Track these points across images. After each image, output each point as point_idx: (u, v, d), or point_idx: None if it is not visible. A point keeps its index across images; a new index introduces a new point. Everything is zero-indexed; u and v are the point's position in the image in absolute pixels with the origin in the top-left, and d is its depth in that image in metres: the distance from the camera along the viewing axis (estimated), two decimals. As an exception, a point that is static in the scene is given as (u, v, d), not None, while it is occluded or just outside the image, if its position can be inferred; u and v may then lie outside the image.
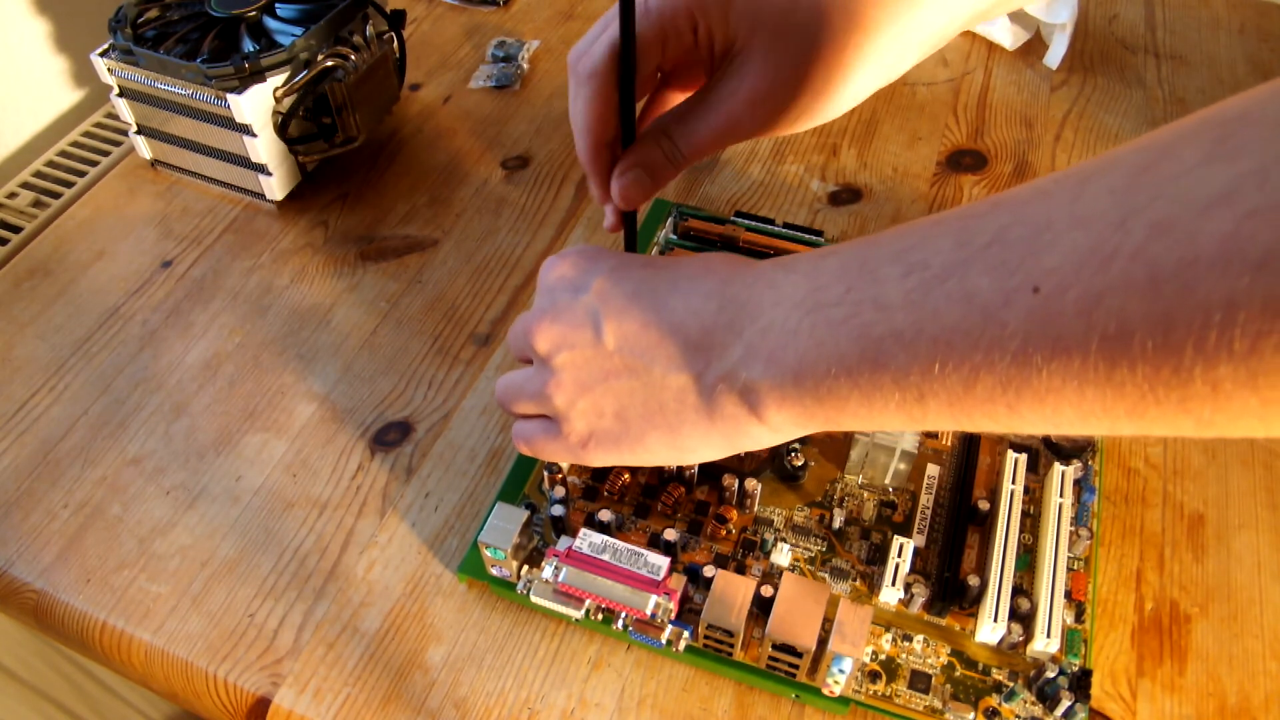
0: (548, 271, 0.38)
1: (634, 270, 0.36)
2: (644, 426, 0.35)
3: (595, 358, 0.35)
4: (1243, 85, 0.69)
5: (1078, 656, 0.41)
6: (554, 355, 0.36)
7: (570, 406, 0.36)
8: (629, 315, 0.35)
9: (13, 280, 0.58)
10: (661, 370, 0.34)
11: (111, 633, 0.44)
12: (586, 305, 0.36)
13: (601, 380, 0.35)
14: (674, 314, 0.34)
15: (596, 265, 0.37)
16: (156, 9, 0.60)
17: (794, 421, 0.32)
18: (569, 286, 0.37)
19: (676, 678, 0.42)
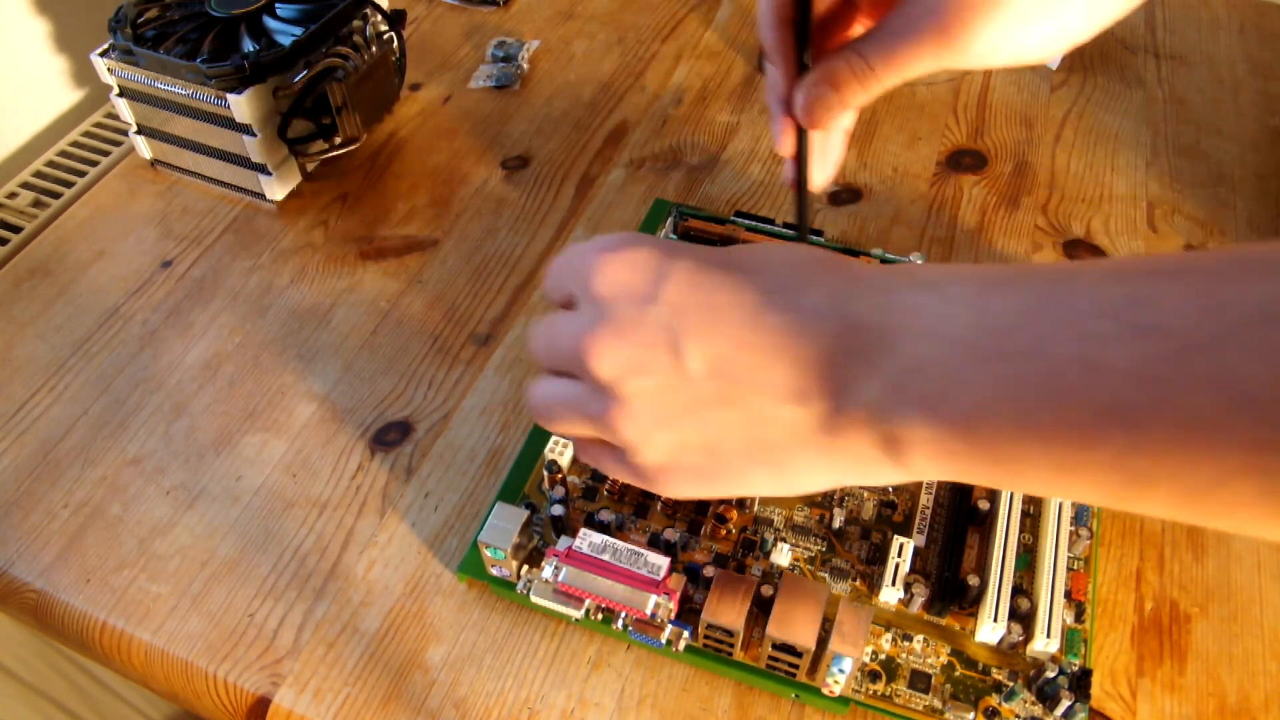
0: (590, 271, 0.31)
1: (714, 274, 0.30)
2: (744, 463, 0.30)
3: (678, 385, 0.30)
4: (1243, 85, 0.69)
5: (1078, 656, 0.41)
6: (623, 381, 0.30)
7: (644, 439, 0.31)
8: (719, 334, 0.29)
9: (13, 280, 0.58)
10: (767, 401, 0.29)
11: (111, 633, 0.44)
12: (659, 319, 0.30)
13: (687, 412, 0.30)
14: (777, 333, 0.28)
15: (665, 267, 0.30)
16: (156, 9, 0.60)
17: (951, 472, 0.27)
18: (631, 294, 0.30)
19: (676, 678, 0.42)
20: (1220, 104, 0.68)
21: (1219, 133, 0.66)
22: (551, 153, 0.65)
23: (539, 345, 0.34)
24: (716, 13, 0.76)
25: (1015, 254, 0.58)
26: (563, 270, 0.33)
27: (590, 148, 0.65)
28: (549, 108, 0.68)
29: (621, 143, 0.66)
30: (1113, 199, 0.62)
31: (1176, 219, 0.60)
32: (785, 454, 0.29)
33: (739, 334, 0.29)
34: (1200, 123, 0.67)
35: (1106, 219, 0.60)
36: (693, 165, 0.64)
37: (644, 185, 0.63)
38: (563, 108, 0.68)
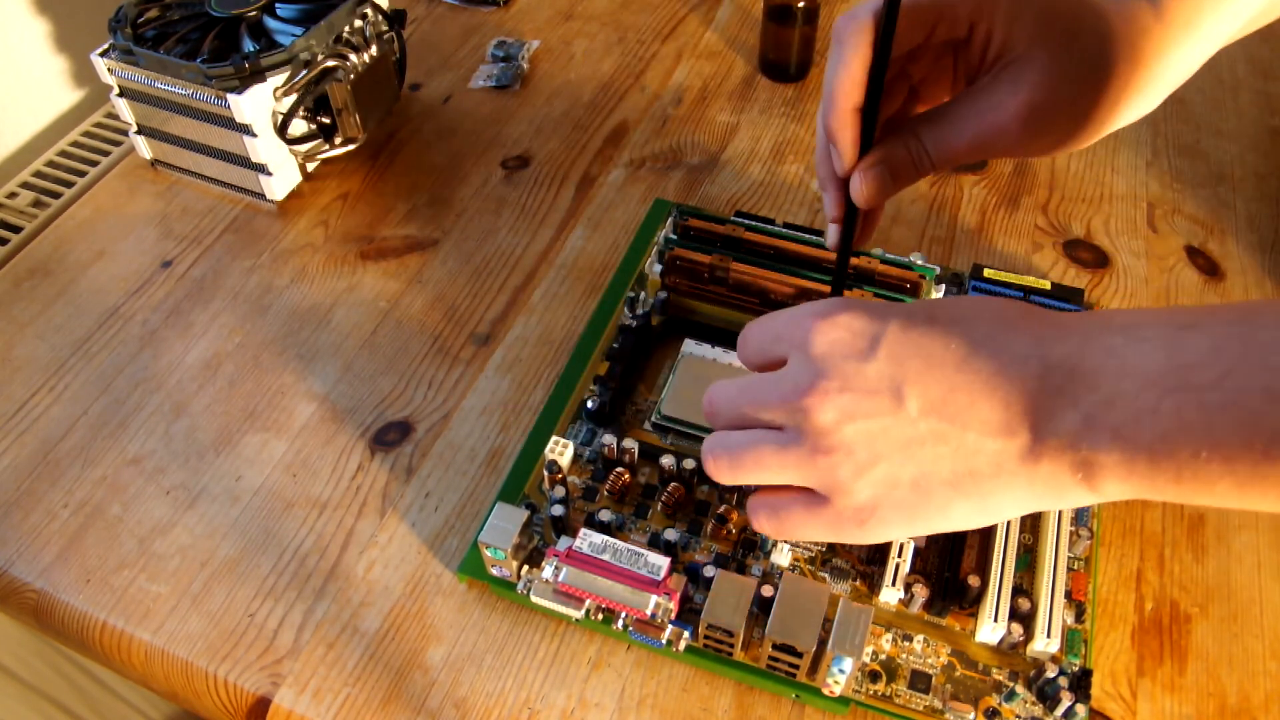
0: (809, 334, 0.34)
1: (923, 329, 0.33)
2: (949, 494, 0.33)
3: (895, 425, 0.32)
4: (1243, 85, 0.69)
5: (1078, 656, 0.41)
6: (841, 426, 0.33)
7: (858, 477, 0.33)
8: (934, 379, 0.32)
9: (13, 280, 0.58)
10: (977, 436, 0.32)
11: (111, 633, 0.44)
12: (880, 371, 0.33)
13: (901, 449, 0.33)
14: (986, 376, 0.32)
15: (877, 329, 0.33)
16: (156, 9, 0.60)
17: (1134, 491, 0.30)
18: (850, 353, 0.33)
19: (676, 678, 0.42)
20: (1220, 104, 0.68)
21: (1219, 133, 0.66)
22: (551, 153, 0.65)
23: (733, 405, 0.36)
24: (716, 13, 0.76)
25: (1015, 254, 0.58)
26: (767, 334, 0.36)
27: (590, 148, 0.65)
28: (549, 108, 0.68)
29: (621, 143, 0.66)
30: (1113, 199, 0.62)
31: (1176, 219, 0.60)
32: (989, 483, 0.32)
33: (952, 378, 0.32)
34: (1200, 123, 0.67)
35: (1106, 219, 0.60)
36: (693, 165, 0.64)
37: (644, 185, 0.63)
38: (563, 108, 0.68)
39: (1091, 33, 0.35)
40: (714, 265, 0.52)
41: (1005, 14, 0.35)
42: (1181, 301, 0.56)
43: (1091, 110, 0.36)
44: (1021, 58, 0.36)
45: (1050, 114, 0.36)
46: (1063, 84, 0.35)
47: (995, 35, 0.36)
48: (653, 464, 0.47)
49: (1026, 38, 0.35)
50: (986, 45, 0.37)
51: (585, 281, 0.57)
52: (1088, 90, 0.35)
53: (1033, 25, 0.35)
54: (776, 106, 0.68)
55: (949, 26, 0.36)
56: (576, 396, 0.50)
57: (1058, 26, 0.35)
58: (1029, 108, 0.36)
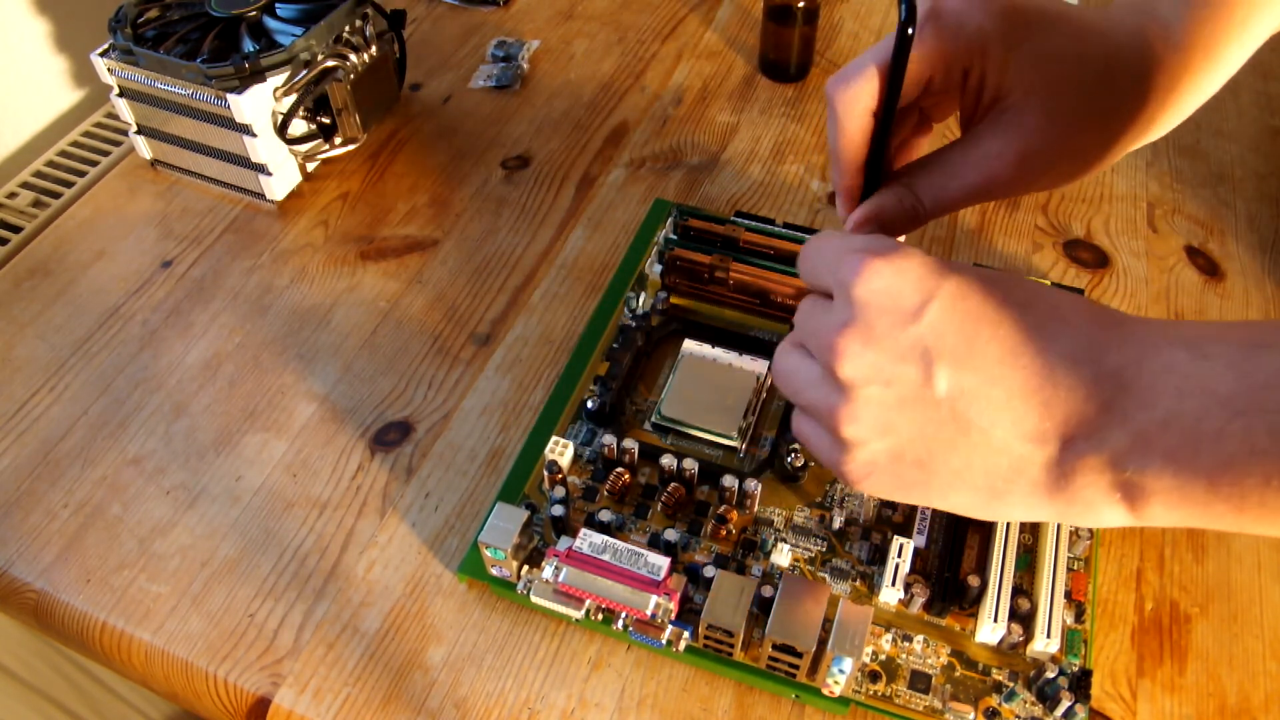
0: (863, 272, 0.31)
1: (977, 303, 0.30)
2: (954, 483, 0.31)
3: (916, 401, 0.30)
4: (1242, 85, 0.69)
5: (1078, 656, 0.41)
6: (860, 386, 0.31)
7: (860, 443, 0.32)
8: (973, 364, 0.30)
9: (13, 280, 0.58)
10: (1004, 435, 0.30)
11: (111, 633, 0.44)
12: (917, 338, 0.30)
13: (915, 427, 0.31)
14: (1030, 374, 0.29)
15: (932, 284, 0.31)
16: (156, 9, 0.60)
17: (1183, 519, 0.28)
18: (895, 307, 0.31)
19: (676, 678, 0.42)
20: (1220, 104, 0.68)
21: (1219, 133, 0.66)
22: (551, 153, 0.65)
23: (802, 316, 0.34)
24: (716, 13, 0.76)
25: (1015, 254, 0.58)
26: (820, 260, 0.34)
27: (590, 148, 0.65)
28: (549, 108, 0.68)
29: (621, 143, 0.66)
30: (1113, 199, 0.62)
31: (1176, 219, 0.60)
32: (1005, 485, 0.31)
33: (993, 368, 0.30)
34: (1200, 123, 0.67)
35: (1106, 219, 0.60)
36: (693, 165, 0.64)
37: (644, 185, 0.63)
38: (563, 108, 0.68)
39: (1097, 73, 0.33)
40: (714, 265, 0.52)
41: (997, 60, 0.34)
42: (1182, 302, 0.56)
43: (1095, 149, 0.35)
44: (1018, 104, 0.34)
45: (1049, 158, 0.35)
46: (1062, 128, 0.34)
47: (989, 81, 0.35)
48: (653, 464, 0.47)
49: (1023, 84, 0.34)
50: (980, 91, 0.35)
51: (585, 281, 0.57)
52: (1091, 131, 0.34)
53: (1029, 70, 0.34)
54: (776, 106, 0.68)
55: (944, 75, 0.35)
56: (576, 396, 0.50)
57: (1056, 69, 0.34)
58: (1025, 156, 0.34)
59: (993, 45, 0.34)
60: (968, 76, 0.35)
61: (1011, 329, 0.30)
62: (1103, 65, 0.34)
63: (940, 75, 0.35)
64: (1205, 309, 0.56)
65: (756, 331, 0.52)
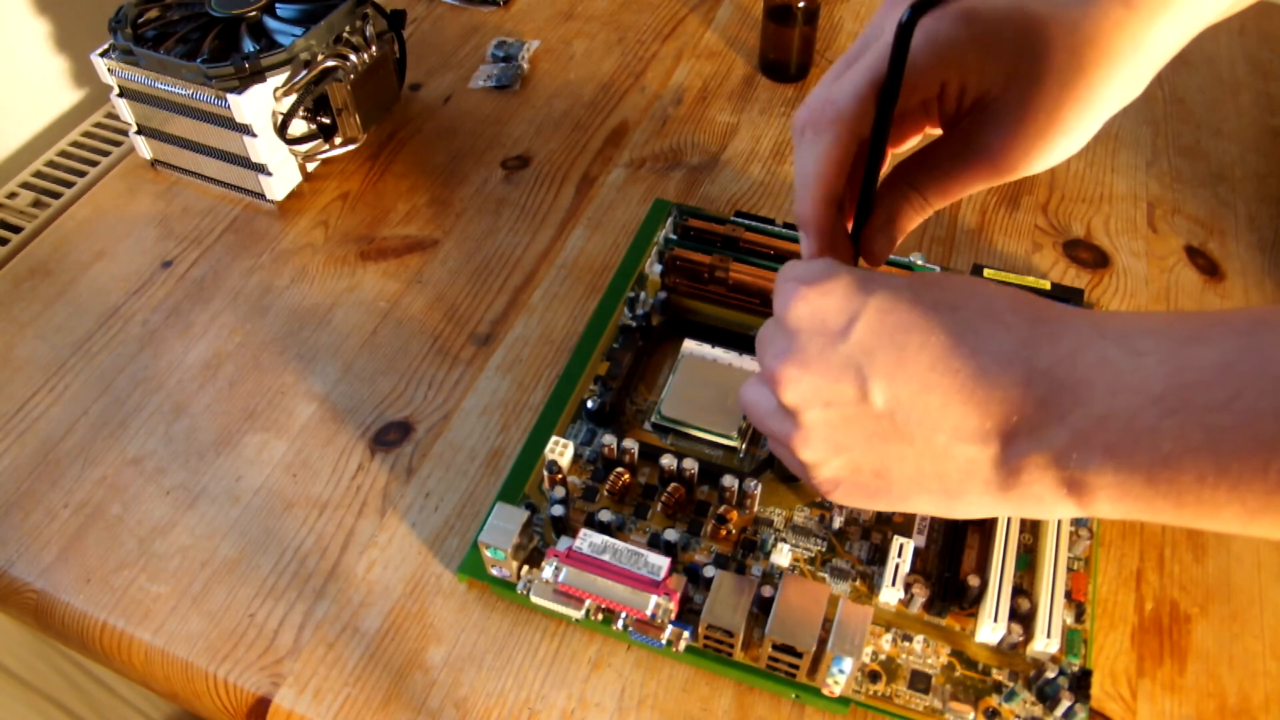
0: (791, 301, 0.33)
1: (905, 312, 0.31)
2: (912, 489, 0.32)
3: (858, 418, 0.31)
4: (1243, 85, 0.69)
5: (1078, 656, 0.41)
6: (803, 410, 0.32)
7: (819, 463, 0.33)
8: (905, 374, 0.30)
9: (13, 280, 0.58)
10: (946, 440, 0.30)
11: (111, 633, 0.44)
12: (847, 356, 0.31)
13: (863, 441, 0.32)
14: (963, 377, 0.30)
15: (856, 305, 0.31)
16: (156, 9, 0.60)
17: (1129, 512, 0.28)
18: (821, 330, 0.32)
19: (676, 678, 0.42)
20: (1220, 104, 0.68)
21: (1219, 133, 0.66)
22: (551, 153, 0.65)
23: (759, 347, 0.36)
24: (716, 13, 0.76)
25: (1015, 254, 0.58)
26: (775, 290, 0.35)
27: (590, 148, 0.65)
28: (549, 108, 0.68)
29: (621, 143, 0.66)
30: (1113, 199, 0.62)
31: (1176, 219, 0.60)
32: (958, 486, 0.31)
33: (925, 376, 0.30)
34: (1200, 123, 0.67)
35: (1106, 219, 0.60)
36: (693, 165, 0.64)
37: (644, 185, 0.63)
38: (563, 108, 0.68)
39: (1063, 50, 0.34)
40: (714, 265, 0.52)
41: (975, 64, 0.35)
42: (1182, 302, 0.56)
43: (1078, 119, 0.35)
44: (998, 98, 0.35)
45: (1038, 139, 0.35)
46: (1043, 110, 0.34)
47: (969, 86, 0.35)
48: (653, 464, 0.47)
49: (1002, 79, 0.35)
50: (961, 95, 0.36)
51: (585, 281, 0.57)
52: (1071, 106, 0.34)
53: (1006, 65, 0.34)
54: (776, 106, 0.68)
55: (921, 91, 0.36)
56: (576, 396, 0.50)
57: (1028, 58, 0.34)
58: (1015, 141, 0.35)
59: (968, 55, 0.34)
60: (945, 87, 0.36)
61: (941, 335, 0.30)
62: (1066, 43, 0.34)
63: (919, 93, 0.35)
64: (1205, 309, 0.56)
65: (756, 331, 0.52)
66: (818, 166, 0.35)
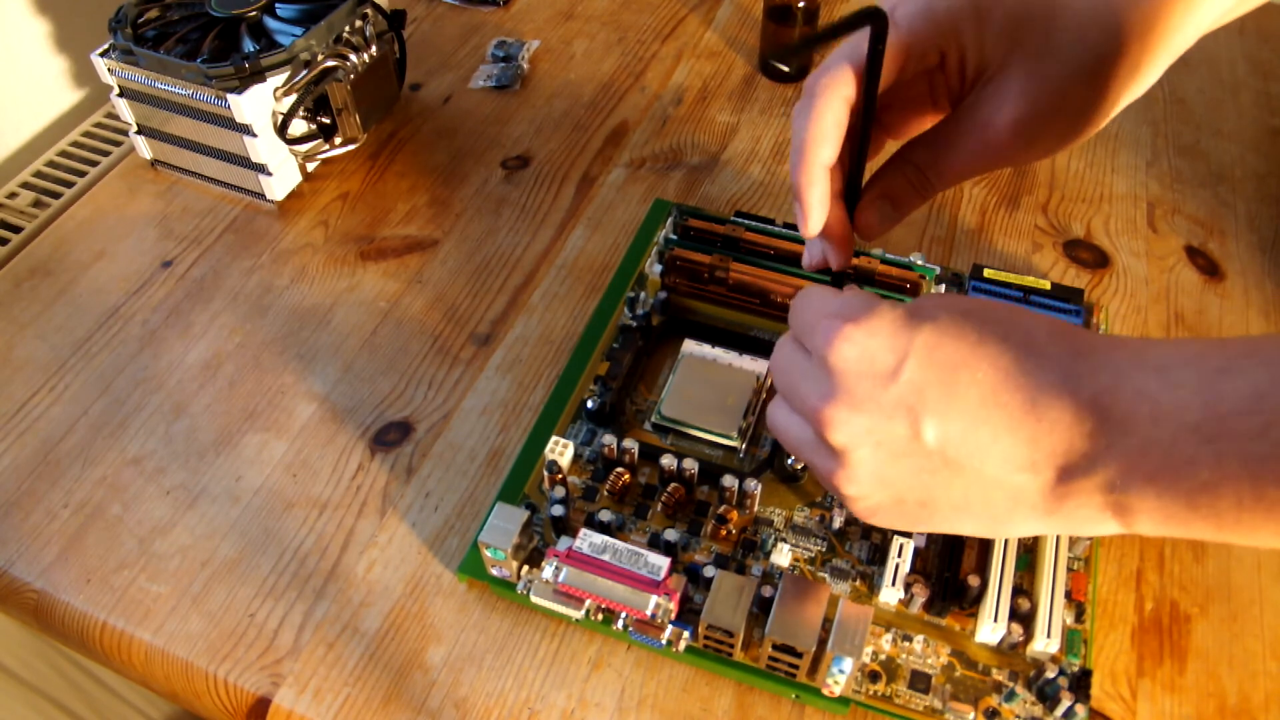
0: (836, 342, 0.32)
1: (952, 348, 0.31)
2: (957, 516, 0.33)
3: (907, 454, 0.32)
4: (1243, 85, 0.69)
5: (1078, 656, 0.41)
6: (853, 449, 0.32)
7: (861, 498, 0.34)
8: (955, 412, 0.31)
9: (13, 280, 0.58)
10: (996, 470, 0.31)
11: (111, 633, 0.44)
12: (899, 397, 0.31)
13: (911, 475, 0.32)
14: (1012, 412, 0.30)
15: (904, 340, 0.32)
16: (156, 9, 0.60)
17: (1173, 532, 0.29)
18: (871, 372, 0.32)
19: (676, 678, 0.42)
20: (1220, 104, 0.68)
21: (1219, 133, 0.66)
22: (551, 153, 0.65)
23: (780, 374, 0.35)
24: (716, 13, 0.76)
25: (1015, 254, 0.58)
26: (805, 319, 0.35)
27: (590, 148, 0.65)
28: (549, 108, 0.68)
29: (621, 143, 0.66)
30: (1113, 199, 0.62)
31: (1176, 219, 0.60)
32: (1006, 513, 0.32)
33: (976, 411, 0.31)
34: (1200, 123, 0.67)
35: (1106, 219, 0.60)
36: (693, 165, 0.64)
37: (644, 185, 0.63)
38: (563, 108, 0.68)
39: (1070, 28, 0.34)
40: (714, 265, 0.52)
41: (973, 35, 0.35)
42: (1182, 302, 0.56)
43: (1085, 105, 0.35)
44: (1001, 72, 0.35)
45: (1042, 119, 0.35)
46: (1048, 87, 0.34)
47: (969, 57, 0.35)
48: (653, 464, 0.47)
49: (1002, 51, 0.35)
50: (962, 68, 0.36)
51: (585, 281, 0.57)
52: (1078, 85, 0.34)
53: (1005, 38, 0.34)
54: (776, 106, 0.68)
55: (918, 60, 0.36)
56: (576, 396, 0.50)
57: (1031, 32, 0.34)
58: (1019, 119, 0.35)
59: (965, 23, 0.34)
60: (945, 59, 0.36)
61: (989, 369, 0.31)
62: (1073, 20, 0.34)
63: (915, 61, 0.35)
64: (1205, 309, 0.56)
65: (756, 331, 0.52)
66: (804, 131, 0.35)
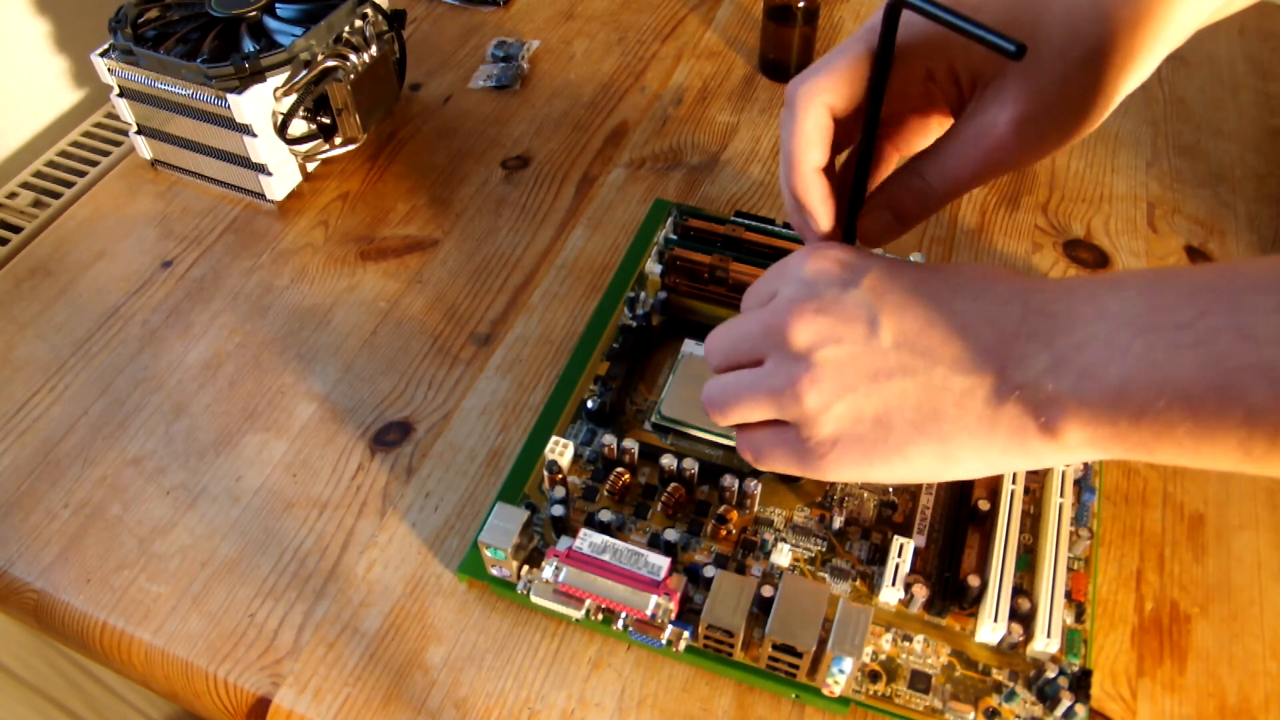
0: (800, 263, 0.35)
1: (909, 270, 0.34)
2: (910, 433, 0.33)
3: (866, 354, 0.33)
4: (1243, 85, 0.69)
5: (1078, 656, 0.41)
6: (817, 349, 0.33)
7: (824, 408, 0.33)
8: (911, 312, 0.33)
9: (13, 280, 0.58)
10: (945, 371, 0.32)
11: (111, 633, 0.44)
12: (859, 299, 0.33)
13: (869, 380, 0.33)
14: (964, 316, 0.32)
15: (865, 263, 0.35)
16: (156, 9, 0.60)
17: (1094, 443, 0.30)
18: (834, 280, 0.34)
19: (676, 678, 0.42)
20: (1220, 104, 0.68)
21: (1219, 133, 0.66)
22: (551, 153, 0.65)
23: (720, 343, 0.38)
24: (716, 13, 0.76)
25: (1015, 254, 0.58)
26: (768, 276, 0.37)
27: (590, 148, 0.65)
28: (549, 108, 0.68)
29: (621, 143, 0.66)
30: (1113, 199, 0.62)
31: (1176, 219, 0.60)
32: (953, 424, 0.32)
33: (929, 314, 0.33)
34: (1200, 123, 0.67)
35: (1106, 219, 0.60)
36: (693, 165, 0.64)
37: (644, 185, 0.63)
38: (563, 108, 0.68)
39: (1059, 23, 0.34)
40: (714, 265, 0.52)
41: (960, 47, 0.35)
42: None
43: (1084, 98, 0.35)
44: (997, 78, 0.35)
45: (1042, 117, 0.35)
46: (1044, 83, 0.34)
47: (960, 69, 0.36)
48: (653, 464, 0.47)
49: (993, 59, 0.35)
50: (955, 77, 0.36)
51: (585, 281, 0.57)
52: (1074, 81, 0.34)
53: None
54: (776, 106, 0.68)
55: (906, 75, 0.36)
56: (576, 396, 0.50)
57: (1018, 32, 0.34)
58: (1020, 121, 0.35)
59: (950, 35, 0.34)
60: (934, 73, 0.36)
61: (943, 283, 0.33)
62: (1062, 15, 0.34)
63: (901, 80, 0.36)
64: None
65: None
66: (790, 139, 0.36)
